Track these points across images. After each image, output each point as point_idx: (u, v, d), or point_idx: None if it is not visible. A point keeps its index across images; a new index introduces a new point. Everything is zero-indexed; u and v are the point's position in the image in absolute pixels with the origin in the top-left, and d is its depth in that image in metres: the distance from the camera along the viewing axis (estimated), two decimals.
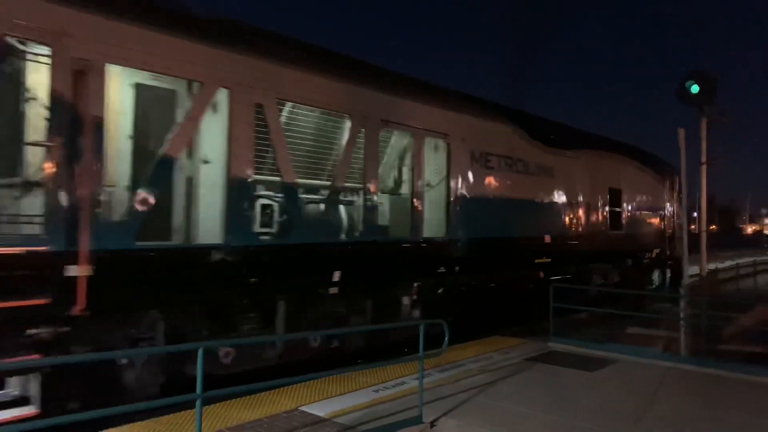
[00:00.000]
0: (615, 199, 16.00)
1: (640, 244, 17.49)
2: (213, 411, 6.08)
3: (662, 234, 18.48)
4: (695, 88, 11.86)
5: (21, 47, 5.90)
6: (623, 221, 16.49)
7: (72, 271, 5.80)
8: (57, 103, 5.79)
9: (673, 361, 8.86)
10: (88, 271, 5.88)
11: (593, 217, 15.12)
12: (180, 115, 7.17)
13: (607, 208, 15.71)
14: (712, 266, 20.83)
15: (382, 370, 7.67)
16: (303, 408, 6.27)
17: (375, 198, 9.23)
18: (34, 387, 5.88)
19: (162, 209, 6.87)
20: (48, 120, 5.78)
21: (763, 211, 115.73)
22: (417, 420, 5.94)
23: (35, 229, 5.83)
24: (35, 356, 5.65)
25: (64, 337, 5.87)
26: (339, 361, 8.15)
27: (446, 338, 6.55)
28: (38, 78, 6.10)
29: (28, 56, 5.98)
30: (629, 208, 16.79)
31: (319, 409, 6.22)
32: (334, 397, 6.65)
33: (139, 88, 7.07)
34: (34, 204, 6.02)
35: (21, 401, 5.95)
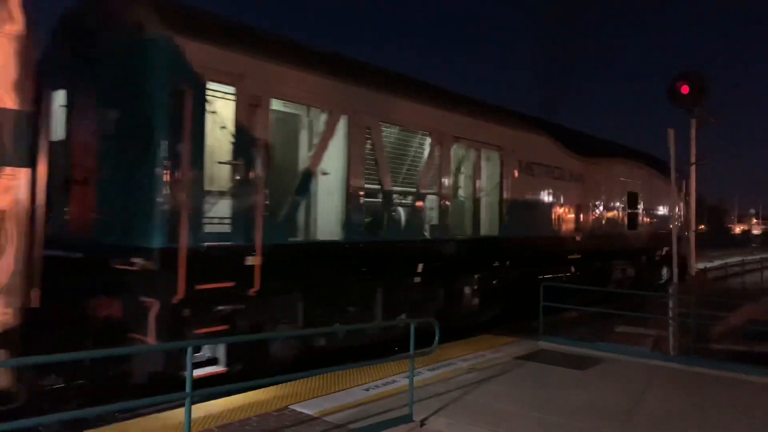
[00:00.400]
0: (632, 201, 17.78)
1: (653, 242, 19.03)
2: (203, 409, 6.05)
3: (671, 233, 19.47)
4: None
5: (216, 87, 7.23)
6: (639, 222, 18.17)
7: (250, 261, 7.33)
8: (239, 130, 7.32)
9: (662, 360, 8.93)
10: (261, 260, 7.37)
11: (614, 218, 16.89)
12: (314, 137, 8.77)
13: (625, 210, 17.46)
14: (701, 266, 21.02)
15: (372, 369, 7.68)
16: (293, 406, 6.26)
17: (446, 202, 10.88)
18: (220, 350, 7.31)
19: (299, 212, 8.54)
20: (232, 143, 7.35)
21: (751, 211, 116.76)
22: (407, 418, 5.95)
23: (224, 228, 7.26)
24: (223, 327, 7.08)
25: (240, 312, 7.34)
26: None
27: (436, 337, 6.55)
28: (225, 111, 7.51)
29: (219, 94, 7.34)
30: (644, 209, 18.45)
31: (309, 408, 6.21)
32: (324, 396, 6.64)
33: (285, 115, 8.63)
34: (223, 209, 7.40)
35: (211, 361, 7.28)
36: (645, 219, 18.57)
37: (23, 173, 5.35)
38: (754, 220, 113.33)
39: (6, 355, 5.22)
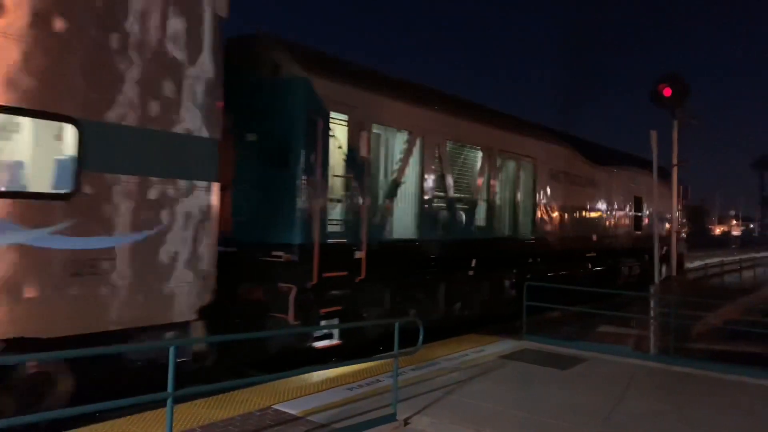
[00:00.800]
0: (638, 205, 19.81)
1: (651, 245, 19.56)
2: (184, 410, 6.01)
3: (670, 234, 21.48)
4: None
5: (335, 115, 8.83)
6: (643, 223, 20.17)
7: (357, 254, 9.01)
8: (349, 149, 9.04)
9: (642, 359, 9.04)
10: (365, 254, 9.02)
11: (623, 220, 18.89)
12: (398, 153, 10.41)
13: (632, 213, 19.45)
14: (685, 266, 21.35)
15: (356, 369, 7.68)
16: (276, 406, 6.24)
17: (492, 206, 12.57)
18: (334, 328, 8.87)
19: (387, 214, 10.06)
20: (344, 160, 8.99)
21: (731, 212, 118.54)
22: (391, 417, 5.96)
23: (340, 229, 8.92)
24: (336, 308, 8.71)
25: (347, 296, 8.93)
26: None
27: (420, 336, 6.59)
28: (340, 134, 9.05)
29: (336, 121, 8.89)
30: (647, 212, 20.32)
31: (293, 408, 6.19)
32: (307, 396, 6.63)
33: (379, 136, 10.20)
34: (339, 213, 9.03)
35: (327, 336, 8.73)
36: (648, 221, 20.33)
37: (214, 185, 6.95)
38: (734, 222, 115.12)
39: (203, 325, 6.83)
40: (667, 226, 20.96)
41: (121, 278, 6.05)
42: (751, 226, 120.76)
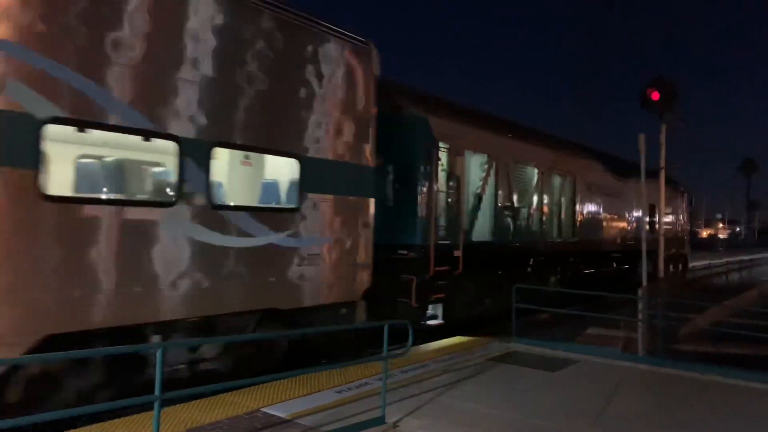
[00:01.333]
0: (652, 211, 22.16)
1: (667, 245, 23.77)
2: (172, 412, 5.96)
3: (679, 237, 26.14)
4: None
5: (441, 145, 11.18)
6: (657, 228, 22.07)
7: (456, 253, 11.22)
8: (449, 171, 11.51)
9: (631, 361, 9.08)
10: (461, 253, 11.26)
11: (640, 225, 20.92)
12: (480, 173, 12.79)
13: (648, 219, 21.65)
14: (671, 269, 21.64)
15: (345, 371, 7.66)
16: (265, 409, 6.20)
17: (544, 214, 14.87)
18: (438, 309, 11.07)
19: (472, 221, 12.47)
20: (446, 179, 11.45)
21: (718, 215, 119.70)
22: (380, 420, 5.94)
23: (444, 233, 11.25)
24: (441, 295, 10.90)
25: (447, 286, 11.00)
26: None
27: (410, 339, 6.57)
28: (443, 158, 11.38)
29: (441, 149, 11.20)
30: (660, 218, 21.53)
31: (282, 410, 6.16)
32: (296, 399, 6.60)
33: (467, 159, 12.22)
34: (443, 220, 11.32)
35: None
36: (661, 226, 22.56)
37: (372, 200, 9.24)
38: (720, 225, 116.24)
39: (364, 305, 9.00)
40: (677, 228, 25.40)
41: (327, 266, 8.42)
42: (738, 229, 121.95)
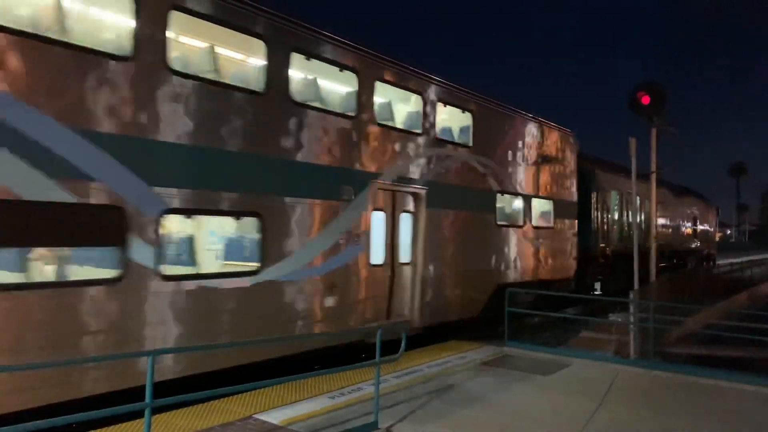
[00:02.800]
0: (694, 221, 30.91)
1: (702, 247, 32.82)
2: (163, 420, 5.92)
3: (709, 241, 34.89)
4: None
5: (603, 188, 18.98)
6: (698, 234, 31.81)
7: (608, 251, 18.99)
8: (604, 203, 19.59)
9: (623, 364, 9.10)
10: (611, 253, 19.10)
11: (687, 233, 29.92)
12: (614, 203, 19.44)
13: (691, 227, 30.54)
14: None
15: (337, 377, 7.64)
16: (257, 416, 6.17)
17: (640, 226, 19.28)
18: (598, 285, 18.67)
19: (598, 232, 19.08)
20: (602, 208, 19.74)
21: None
22: (373, 426, 5.93)
23: (603, 241, 19.00)
24: (601, 277, 18.55)
25: (603, 272, 18.36)
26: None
27: (403, 344, 6.56)
28: (599, 196, 19.21)
29: (601, 191, 18.86)
30: (699, 227, 31.93)
31: (274, 417, 6.14)
32: (289, 405, 6.58)
33: (610, 195, 20.03)
34: (602, 233, 19.13)
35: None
36: (699, 232, 31.88)
37: (575, 221, 16.16)
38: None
39: (574, 281, 15.91)
40: (710, 235, 34.91)
41: (566, 257, 15.36)
42: (729, 231, 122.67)
